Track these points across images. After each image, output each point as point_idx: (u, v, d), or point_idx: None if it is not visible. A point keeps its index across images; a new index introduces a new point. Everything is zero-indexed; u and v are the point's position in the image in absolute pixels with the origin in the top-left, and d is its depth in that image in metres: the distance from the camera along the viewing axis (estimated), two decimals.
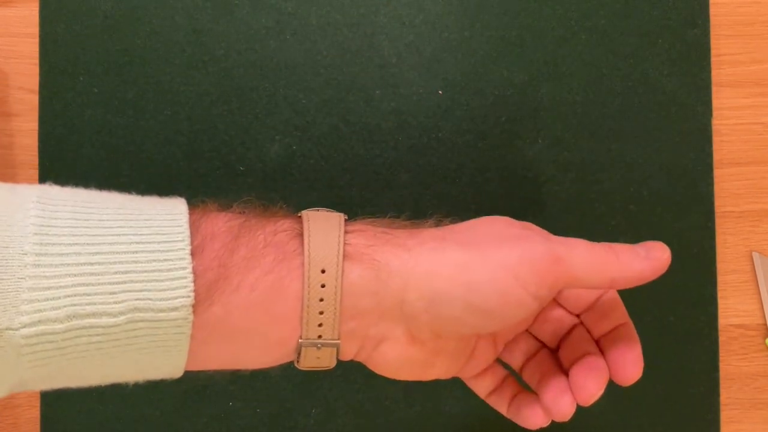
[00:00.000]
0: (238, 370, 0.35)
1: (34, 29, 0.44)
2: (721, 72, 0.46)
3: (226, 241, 0.26)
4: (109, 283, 0.24)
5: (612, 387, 0.44)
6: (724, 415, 0.45)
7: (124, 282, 0.24)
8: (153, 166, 0.44)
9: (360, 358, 0.29)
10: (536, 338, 0.32)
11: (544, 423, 0.30)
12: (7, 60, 0.44)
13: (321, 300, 0.26)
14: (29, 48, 0.44)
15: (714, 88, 0.45)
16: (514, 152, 0.45)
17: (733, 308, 0.45)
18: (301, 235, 0.27)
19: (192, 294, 0.24)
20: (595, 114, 0.45)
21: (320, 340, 0.27)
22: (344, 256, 0.27)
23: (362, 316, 0.27)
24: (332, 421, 0.44)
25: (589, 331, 0.31)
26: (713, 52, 0.45)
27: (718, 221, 0.45)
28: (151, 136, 0.44)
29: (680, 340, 0.45)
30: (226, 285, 0.25)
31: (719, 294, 0.45)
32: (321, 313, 0.26)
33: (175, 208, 0.26)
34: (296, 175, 0.44)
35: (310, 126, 0.44)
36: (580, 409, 0.44)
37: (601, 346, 0.30)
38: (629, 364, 0.29)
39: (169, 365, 0.26)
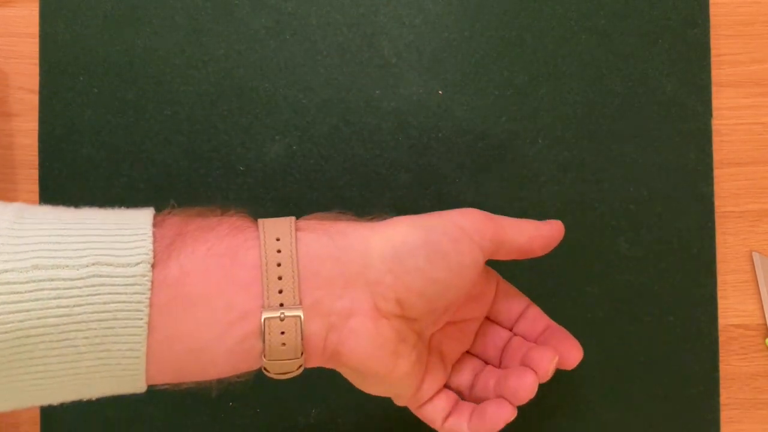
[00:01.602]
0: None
1: (34, 29, 0.44)
2: (721, 72, 0.46)
3: (183, 217, 0.28)
4: (75, 242, 0.25)
5: (612, 387, 0.45)
6: (724, 415, 0.45)
7: (89, 241, 0.25)
8: (153, 166, 0.44)
9: (329, 351, 0.29)
10: (478, 357, 0.36)
11: (512, 414, 0.31)
12: (7, 60, 0.44)
13: (278, 265, 0.27)
14: (29, 48, 0.44)
15: (714, 88, 0.45)
16: (514, 152, 0.45)
17: (733, 308, 0.45)
18: (252, 220, 0.29)
19: (151, 252, 0.25)
20: (595, 114, 0.45)
21: (282, 309, 0.27)
22: (297, 228, 0.28)
23: (326, 285, 0.28)
24: (332, 421, 0.44)
25: (525, 338, 0.35)
26: (713, 52, 0.45)
27: (718, 221, 0.45)
28: (151, 136, 0.44)
29: (680, 340, 0.45)
30: (182, 246, 0.26)
31: (719, 294, 0.45)
32: (280, 278, 0.27)
33: (145, 208, 0.28)
34: (296, 175, 0.44)
35: (310, 126, 0.44)
36: (579, 409, 0.44)
37: (540, 343, 0.34)
38: (571, 347, 0.33)
39: (130, 342, 0.25)
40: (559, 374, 0.44)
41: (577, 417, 0.45)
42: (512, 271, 0.38)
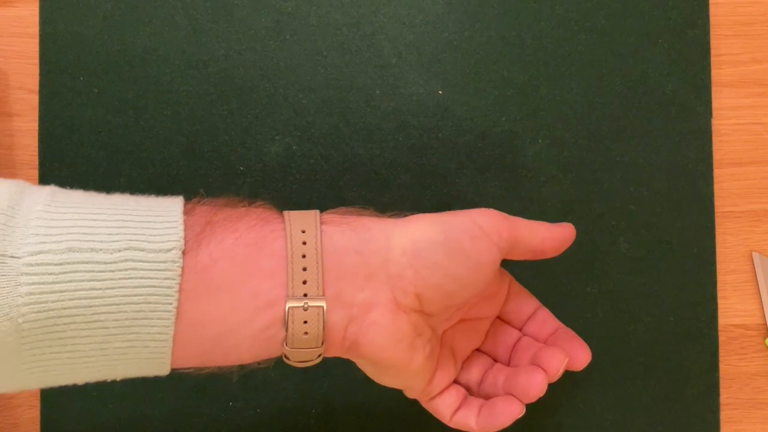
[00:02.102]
0: (239, 370, 0.34)
1: (34, 29, 0.44)
2: (721, 72, 0.46)
3: (212, 207, 0.29)
4: (108, 227, 0.26)
5: (611, 387, 0.45)
6: (724, 415, 0.45)
7: (122, 227, 0.26)
8: (153, 166, 0.44)
9: (348, 341, 0.30)
10: (488, 355, 0.37)
11: (521, 411, 0.32)
12: (7, 60, 0.44)
13: (303, 256, 0.28)
14: (29, 48, 0.44)
15: (714, 88, 0.45)
16: (514, 152, 0.45)
17: (733, 308, 0.45)
18: (278, 212, 0.30)
19: (182, 239, 0.26)
20: (595, 114, 0.45)
21: (306, 299, 0.28)
22: (321, 222, 0.29)
23: (349, 277, 0.29)
24: (332, 421, 0.44)
25: (534, 339, 0.36)
26: (713, 52, 0.45)
27: (718, 221, 0.45)
28: (151, 136, 0.44)
29: (680, 340, 0.45)
30: (212, 235, 0.27)
31: (719, 294, 0.45)
32: (304, 269, 0.28)
33: (171, 198, 0.29)
34: (296, 175, 0.44)
35: (310, 126, 0.44)
36: (579, 410, 0.44)
37: (549, 344, 0.35)
38: (579, 349, 0.34)
39: (159, 326, 0.26)
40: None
41: (577, 417, 0.45)
42: (513, 271, 0.38)
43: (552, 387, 0.45)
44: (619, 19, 0.45)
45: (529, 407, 0.33)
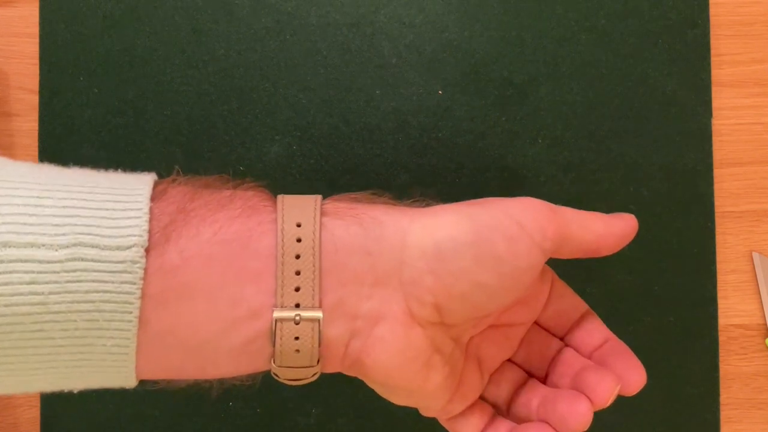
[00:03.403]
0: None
1: (34, 29, 0.44)
2: (721, 72, 0.46)
3: (188, 190, 0.23)
4: (55, 216, 0.21)
5: None
6: (724, 415, 0.45)
7: (72, 216, 0.21)
8: (153, 166, 0.43)
9: (350, 358, 0.25)
10: (521, 368, 0.31)
11: None
12: (7, 60, 0.44)
13: (297, 257, 0.23)
14: (29, 48, 0.44)
15: (714, 88, 0.45)
16: (514, 152, 0.45)
17: (733, 308, 0.45)
18: (271, 196, 0.25)
19: (145, 234, 0.21)
20: (595, 114, 0.45)
21: (298, 311, 0.23)
22: (322, 213, 0.24)
23: (352, 282, 0.24)
24: (332, 421, 0.44)
25: (578, 350, 0.30)
26: (713, 52, 0.45)
27: (718, 221, 0.45)
28: (151, 136, 0.44)
29: (680, 340, 0.45)
30: (184, 227, 0.22)
31: (719, 294, 0.45)
32: (298, 273, 0.23)
33: (145, 174, 0.24)
34: (296, 175, 0.44)
35: (310, 126, 0.44)
36: None
37: (596, 360, 0.29)
38: (632, 370, 0.28)
39: (117, 338, 0.22)
40: None
41: None
42: None
43: None
44: (619, 19, 0.45)
45: None
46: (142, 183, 0.23)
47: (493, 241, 0.24)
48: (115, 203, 0.22)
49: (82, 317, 0.21)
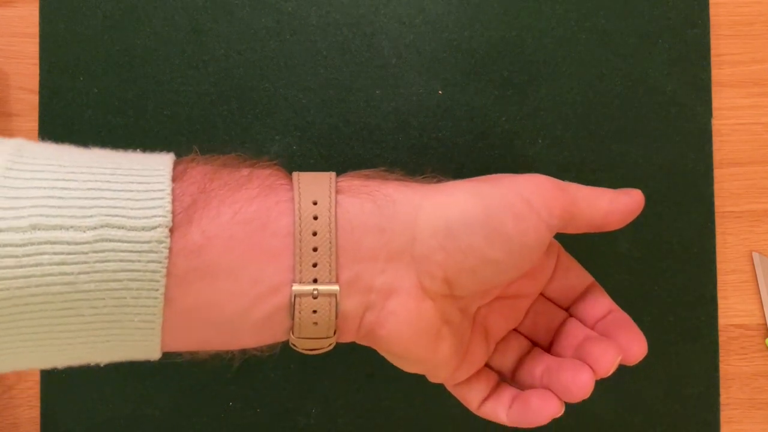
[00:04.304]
0: (237, 370, 0.33)
1: (34, 29, 0.44)
2: (721, 72, 0.46)
3: (207, 170, 0.24)
4: (81, 198, 0.22)
5: (611, 386, 0.45)
6: (724, 415, 0.45)
7: (98, 197, 0.22)
8: None
9: (364, 329, 0.26)
10: (526, 337, 0.32)
11: (559, 410, 0.28)
12: (7, 60, 0.44)
13: (314, 234, 0.24)
14: (29, 48, 0.44)
15: (714, 88, 0.45)
16: (514, 152, 0.45)
17: (733, 308, 0.45)
18: (287, 176, 0.25)
19: (169, 214, 0.22)
20: (595, 114, 0.45)
21: (316, 286, 0.24)
22: (338, 190, 0.25)
23: (367, 258, 0.25)
24: (332, 421, 0.44)
25: (582, 321, 0.31)
26: (713, 52, 0.45)
27: (718, 221, 0.45)
28: (151, 136, 0.44)
29: (680, 340, 0.45)
30: (205, 208, 0.23)
31: (719, 294, 0.45)
32: (315, 249, 0.24)
33: (163, 154, 0.25)
34: None
35: (310, 126, 0.44)
36: (579, 409, 0.44)
37: (599, 331, 0.30)
38: (634, 342, 0.29)
39: (144, 315, 0.23)
40: None
41: (577, 416, 0.45)
42: None
43: None
44: (619, 19, 0.45)
45: None
46: (162, 163, 0.24)
47: (502, 219, 0.25)
48: (138, 184, 0.22)
49: (110, 295, 0.22)
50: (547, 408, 0.28)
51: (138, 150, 0.25)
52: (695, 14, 0.45)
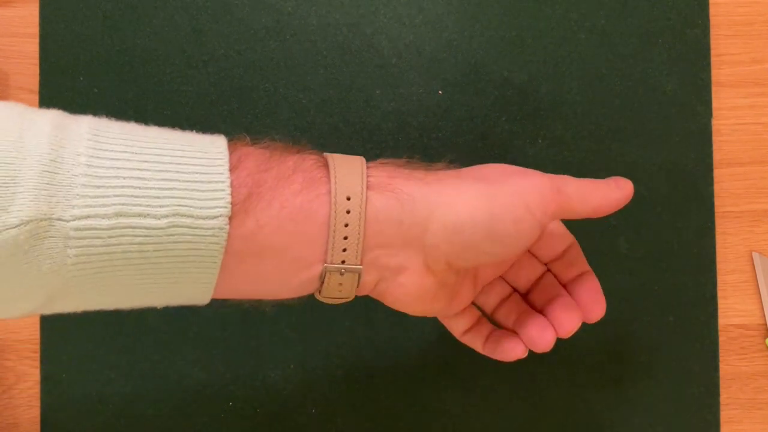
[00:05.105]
0: (240, 370, 0.33)
1: (34, 29, 0.44)
2: (721, 72, 0.46)
3: (258, 162, 0.28)
4: (155, 188, 0.26)
5: (611, 387, 0.45)
6: (724, 415, 0.45)
7: (169, 189, 0.26)
8: None
9: (376, 292, 0.31)
10: (508, 284, 0.37)
11: (522, 353, 0.33)
12: (7, 60, 0.44)
13: (346, 225, 0.28)
14: (29, 48, 0.44)
15: (714, 88, 0.45)
16: (514, 152, 0.45)
17: (733, 308, 0.45)
18: (326, 166, 0.30)
19: (229, 205, 0.26)
20: (595, 114, 0.45)
21: (343, 266, 0.29)
22: (368, 186, 0.29)
23: (386, 245, 0.29)
24: (332, 421, 0.44)
25: (557, 277, 0.36)
26: (713, 52, 0.45)
27: (718, 221, 0.45)
28: None
29: (680, 340, 0.45)
30: (258, 201, 0.27)
31: (719, 294, 0.45)
32: (345, 238, 0.29)
33: (215, 136, 0.29)
34: None
35: (310, 126, 0.44)
36: (580, 409, 0.44)
37: (569, 289, 0.35)
38: (596, 305, 0.34)
39: (203, 279, 0.28)
40: (560, 373, 0.44)
41: (577, 417, 0.45)
42: None
43: (552, 386, 0.45)
44: (619, 19, 0.45)
45: (529, 407, 0.33)
46: (220, 153, 0.28)
47: (504, 221, 0.29)
48: (202, 174, 0.26)
49: (178, 267, 0.27)
50: (514, 351, 0.33)
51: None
52: (695, 14, 0.45)
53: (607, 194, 0.32)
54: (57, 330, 0.44)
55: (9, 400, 0.44)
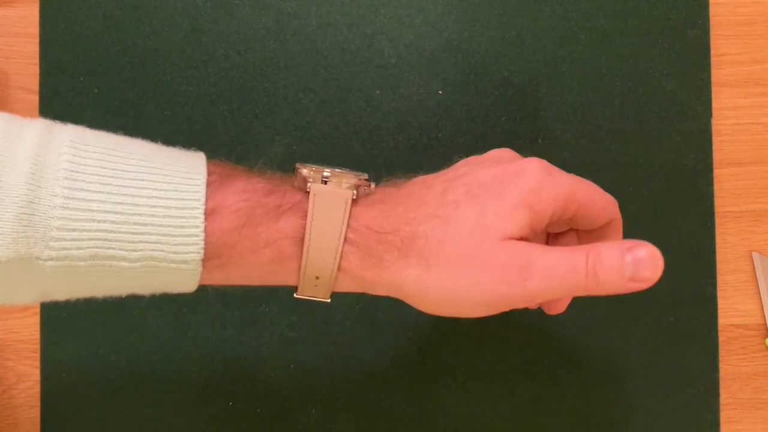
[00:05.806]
0: (240, 370, 0.33)
1: (34, 29, 0.44)
2: (721, 72, 0.46)
3: (233, 225, 0.29)
4: (129, 233, 0.27)
5: (611, 387, 0.45)
6: (724, 415, 0.45)
7: (143, 233, 0.27)
8: None
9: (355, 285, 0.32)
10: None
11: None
12: (7, 60, 0.44)
13: (317, 278, 0.30)
14: (29, 48, 0.44)
15: (714, 88, 0.45)
16: None
17: (733, 308, 0.45)
18: (301, 241, 0.30)
19: (201, 251, 0.28)
20: (595, 114, 0.45)
21: (314, 297, 0.31)
22: (346, 240, 0.30)
23: (359, 281, 0.30)
24: (332, 421, 0.44)
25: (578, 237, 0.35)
26: (713, 52, 0.45)
27: (718, 221, 0.45)
28: (151, 136, 0.43)
29: (680, 340, 0.45)
30: (228, 260, 0.29)
31: (719, 294, 0.45)
32: (317, 278, 0.30)
33: (195, 169, 0.29)
34: None
35: (310, 126, 0.44)
36: (580, 409, 0.44)
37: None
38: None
39: (183, 289, 0.30)
40: (560, 373, 0.44)
41: (577, 416, 0.45)
42: None
43: (553, 386, 0.45)
44: (619, 19, 0.45)
45: (529, 407, 0.32)
46: (197, 192, 0.28)
47: (472, 302, 0.29)
48: (176, 219, 0.27)
49: (155, 287, 0.29)
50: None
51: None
52: (695, 14, 0.45)
53: (608, 283, 0.29)
54: (57, 330, 0.44)
55: (9, 400, 0.44)
